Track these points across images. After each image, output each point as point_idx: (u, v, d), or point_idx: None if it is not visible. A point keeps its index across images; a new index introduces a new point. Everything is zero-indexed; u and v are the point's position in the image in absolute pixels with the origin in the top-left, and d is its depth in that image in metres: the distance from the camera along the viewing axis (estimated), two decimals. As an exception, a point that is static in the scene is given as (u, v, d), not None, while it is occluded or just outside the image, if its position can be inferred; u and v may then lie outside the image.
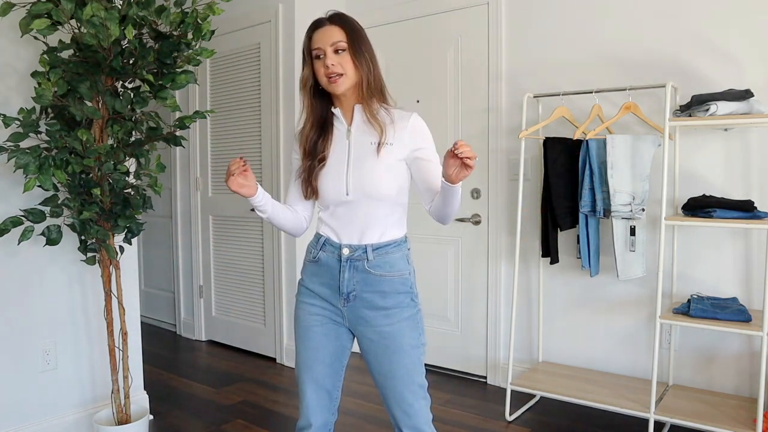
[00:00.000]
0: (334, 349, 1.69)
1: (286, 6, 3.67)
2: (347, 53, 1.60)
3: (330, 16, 1.65)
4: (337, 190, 1.64)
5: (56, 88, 2.16)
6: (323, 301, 1.67)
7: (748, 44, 2.61)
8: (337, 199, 1.65)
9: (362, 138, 1.64)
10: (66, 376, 2.66)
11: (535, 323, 3.24)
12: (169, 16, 2.25)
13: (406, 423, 1.62)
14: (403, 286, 1.65)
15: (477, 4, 3.36)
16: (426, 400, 1.66)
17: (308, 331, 1.68)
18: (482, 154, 3.38)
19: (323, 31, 1.62)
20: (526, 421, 2.91)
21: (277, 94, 3.72)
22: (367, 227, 1.63)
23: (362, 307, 1.63)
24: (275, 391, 3.38)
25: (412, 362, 1.63)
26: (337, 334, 1.68)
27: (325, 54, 1.59)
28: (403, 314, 1.63)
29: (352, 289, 1.63)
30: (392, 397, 1.63)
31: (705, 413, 2.47)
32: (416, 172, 1.64)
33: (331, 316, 1.67)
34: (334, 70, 1.58)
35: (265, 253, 3.89)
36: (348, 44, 1.59)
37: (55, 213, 2.32)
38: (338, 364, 1.71)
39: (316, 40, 1.62)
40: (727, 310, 2.42)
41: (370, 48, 1.65)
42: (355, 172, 1.62)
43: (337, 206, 1.66)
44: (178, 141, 2.46)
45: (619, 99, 2.84)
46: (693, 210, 2.55)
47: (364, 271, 1.62)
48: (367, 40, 1.64)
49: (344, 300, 1.64)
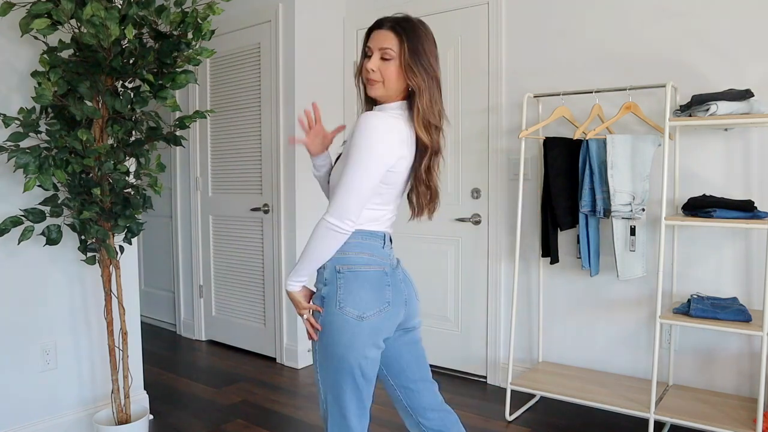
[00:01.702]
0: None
1: (286, 6, 3.67)
2: (394, 62, 1.54)
3: (392, 20, 1.57)
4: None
5: (56, 88, 2.16)
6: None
7: (748, 44, 2.61)
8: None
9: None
10: (66, 376, 2.66)
11: (535, 323, 3.24)
12: (169, 15, 2.25)
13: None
14: (318, 282, 1.61)
15: (477, 4, 3.36)
16: (324, 416, 1.62)
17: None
18: (482, 154, 3.38)
19: (380, 33, 1.56)
20: (526, 421, 2.91)
21: (277, 94, 3.72)
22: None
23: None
24: (275, 391, 3.38)
25: (314, 371, 1.64)
26: None
27: (372, 56, 1.56)
28: (312, 316, 1.61)
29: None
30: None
31: (705, 413, 2.47)
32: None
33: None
34: (371, 76, 1.55)
35: (265, 253, 3.89)
36: (398, 54, 1.54)
37: (55, 213, 2.32)
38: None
39: (371, 38, 1.58)
40: (727, 310, 2.42)
41: (428, 61, 1.56)
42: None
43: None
44: (178, 141, 2.46)
45: (619, 99, 2.84)
46: (693, 210, 2.55)
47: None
48: (424, 52, 1.55)
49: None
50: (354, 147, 1.48)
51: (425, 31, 1.60)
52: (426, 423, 1.73)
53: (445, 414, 1.75)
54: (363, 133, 1.48)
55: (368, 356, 1.55)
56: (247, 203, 3.99)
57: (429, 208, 1.68)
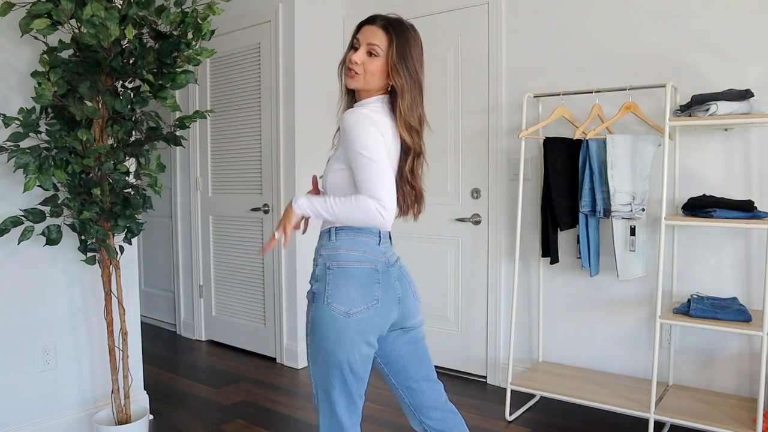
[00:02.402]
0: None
1: (286, 6, 3.67)
2: (380, 60, 1.58)
3: (385, 19, 1.61)
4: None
5: (56, 88, 2.16)
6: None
7: (748, 44, 2.61)
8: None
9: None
10: (66, 376, 2.66)
11: (535, 323, 3.24)
12: (169, 16, 2.25)
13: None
14: (311, 279, 1.63)
15: (477, 4, 3.36)
16: (316, 410, 1.64)
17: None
18: (482, 154, 3.38)
19: (371, 28, 1.60)
20: (526, 421, 2.91)
21: (277, 94, 3.72)
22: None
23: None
24: (275, 391, 3.38)
25: (308, 366, 1.65)
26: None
27: (359, 49, 1.60)
28: (308, 312, 1.62)
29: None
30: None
31: (705, 413, 2.47)
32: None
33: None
34: (353, 67, 1.59)
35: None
36: (385, 52, 1.58)
37: (55, 213, 2.32)
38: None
39: (361, 32, 1.62)
40: (727, 310, 2.42)
41: (413, 65, 1.60)
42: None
43: None
44: (178, 141, 2.46)
45: (619, 99, 2.84)
46: (693, 210, 2.55)
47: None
48: (411, 57, 1.60)
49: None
50: (350, 150, 1.53)
51: (415, 37, 1.64)
52: (429, 422, 1.73)
53: (448, 414, 1.75)
54: (351, 131, 1.52)
55: (357, 353, 1.56)
56: (247, 203, 3.99)
57: (414, 209, 1.72)
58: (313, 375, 1.62)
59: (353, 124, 1.52)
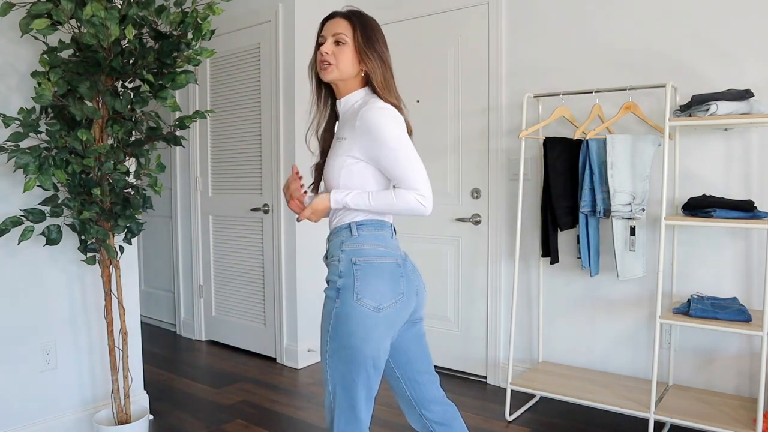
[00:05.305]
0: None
1: (286, 6, 3.67)
2: (348, 47, 1.62)
3: (343, 10, 1.68)
4: (324, 185, 1.72)
5: (56, 88, 2.16)
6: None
7: (748, 44, 2.61)
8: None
9: (339, 132, 1.70)
10: (66, 376, 2.66)
11: (535, 323, 3.24)
12: (169, 16, 2.25)
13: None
14: (332, 275, 1.62)
15: (477, 4, 3.36)
16: (330, 407, 1.62)
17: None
18: (482, 154, 3.38)
19: (334, 21, 1.66)
20: (526, 421, 2.91)
21: (277, 94, 3.72)
22: (332, 219, 1.70)
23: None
24: (275, 391, 3.38)
25: (323, 362, 1.63)
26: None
27: (325, 42, 1.64)
28: (325, 307, 1.62)
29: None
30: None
31: (705, 413, 2.47)
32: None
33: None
34: (325, 58, 1.64)
35: (265, 253, 3.89)
36: (352, 39, 1.62)
37: (55, 213, 2.32)
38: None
39: (324, 28, 1.67)
40: (727, 310, 2.42)
41: (381, 48, 1.65)
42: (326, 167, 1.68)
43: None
44: (178, 141, 2.46)
45: (619, 99, 2.84)
46: (693, 210, 2.55)
47: (324, 259, 1.70)
48: (377, 40, 1.65)
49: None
50: (382, 146, 1.55)
51: (376, 25, 1.69)
52: (429, 415, 1.75)
53: (446, 407, 1.79)
54: (378, 127, 1.55)
55: (382, 348, 1.57)
56: (247, 203, 3.99)
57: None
58: (331, 372, 1.60)
59: (376, 120, 1.55)
